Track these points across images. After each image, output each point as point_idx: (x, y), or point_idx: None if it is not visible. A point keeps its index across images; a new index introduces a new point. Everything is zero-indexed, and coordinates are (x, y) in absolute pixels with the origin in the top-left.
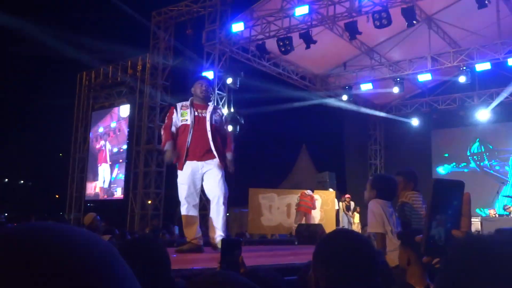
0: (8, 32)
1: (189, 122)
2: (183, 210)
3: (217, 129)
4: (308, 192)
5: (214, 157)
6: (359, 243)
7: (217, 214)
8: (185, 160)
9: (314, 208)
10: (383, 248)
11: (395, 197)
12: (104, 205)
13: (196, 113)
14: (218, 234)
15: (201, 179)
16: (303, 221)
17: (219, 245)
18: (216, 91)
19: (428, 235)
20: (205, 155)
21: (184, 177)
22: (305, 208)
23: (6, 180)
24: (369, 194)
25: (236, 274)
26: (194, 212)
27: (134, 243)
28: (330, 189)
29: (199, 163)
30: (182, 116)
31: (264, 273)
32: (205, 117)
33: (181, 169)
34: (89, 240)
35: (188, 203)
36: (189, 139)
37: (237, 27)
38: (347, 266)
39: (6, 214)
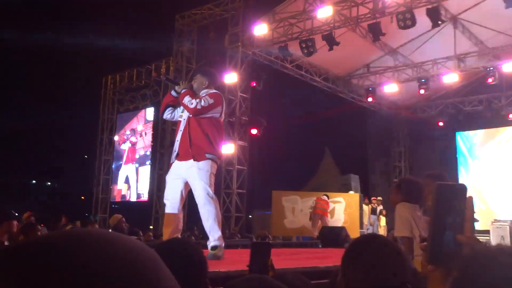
0: (35, 36)
1: (181, 119)
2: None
3: (199, 121)
4: (324, 197)
5: (191, 157)
6: (389, 248)
7: (202, 219)
8: (175, 159)
9: (328, 209)
10: (410, 253)
11: (421, 200)
12: (129, 207)
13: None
14: (211, 240)
15: (184, 180)
16: (319, 224)
17: (211, 252)
18: (239, 94)
19: (432, 242)
20: (186, 155)
21: (168, 176)
22: (321, 210)
23: (34, 181)
24: (395, 198)
25: (271, 279)
26: (173, 211)
27: (171, 245)
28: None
29: (182, 163)
30: (181, 112)
31: (292, 277)
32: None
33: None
34: (133, 246)
35: (167, 201)
36: (178, 137)
37: (260, 29)
38: (377, 271)
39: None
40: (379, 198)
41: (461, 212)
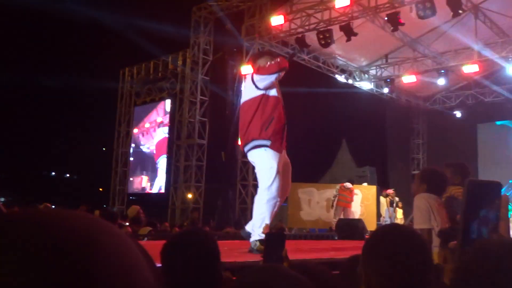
0: (55, 30)
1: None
2: None
3: (243, 107)
4: (347, 185)
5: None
6: (414, 239)
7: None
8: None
9: (352, 200)
10: (429, 244)
11: (444, 193)
12: (146, 199)
13: None
14: (253, 233)
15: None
16: (342, 216)
17: (260, 246)
18: None
19: (463, 240)
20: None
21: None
22: (343, 203)
23: (53, 173)
24: (418, 188)
25: (286, 268)
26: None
27: (186, 235)
28: (365, 184)
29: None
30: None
31: (313, 266)
32: None
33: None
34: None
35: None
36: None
37: (277, 20)
38: (401, 262)
39: (53, 207)
40: (390, 190)
41: (495, 210)
